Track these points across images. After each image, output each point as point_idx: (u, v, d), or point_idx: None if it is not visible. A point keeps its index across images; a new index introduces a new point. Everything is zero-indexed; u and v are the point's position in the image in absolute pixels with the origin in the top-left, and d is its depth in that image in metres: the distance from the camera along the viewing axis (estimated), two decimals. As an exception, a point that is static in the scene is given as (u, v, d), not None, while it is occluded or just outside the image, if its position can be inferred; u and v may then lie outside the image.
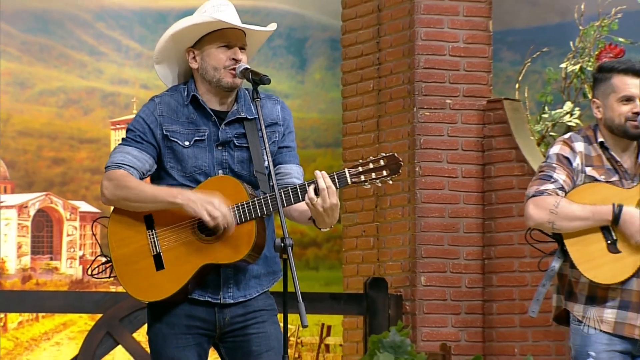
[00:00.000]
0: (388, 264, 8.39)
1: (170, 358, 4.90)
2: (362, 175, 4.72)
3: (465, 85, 8.36)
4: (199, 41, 4.90)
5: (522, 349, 7.96)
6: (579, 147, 5.40)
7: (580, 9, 8.79)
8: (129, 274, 4.89)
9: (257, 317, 4.90)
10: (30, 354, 9.11)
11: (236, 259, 4.81)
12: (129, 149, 4.86)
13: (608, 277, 5.29)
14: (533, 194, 5.34)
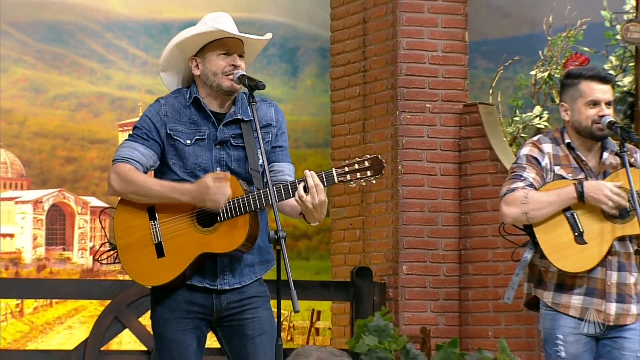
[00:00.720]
0: (373, 254, 8.39)
1: (171, 340, 4.89)
2: (348, 175, 4.74)
3: (443, 90, 8.36)
4: (201, 50, 4.91)
5: (495, 332, 7.96)
6: (547, 148, 5.39)
7: (549, 21, 8.80)
8: (133, 261, 4.90)
9: (252, 303, 4.91)
10: (44, 337, 9.09)
11: (231, 248, 4.81)
12: (135, 145, 4.87)
13: (575, 266, 5.28)
14: (504, 193, 5.34)
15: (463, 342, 7.98)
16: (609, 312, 5.31)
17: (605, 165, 5.39)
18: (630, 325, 5.35)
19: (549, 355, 5.33)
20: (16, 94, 9.29)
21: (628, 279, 5.34)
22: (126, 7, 9.46)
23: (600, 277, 5.30)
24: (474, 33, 8.62)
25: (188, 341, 4.89)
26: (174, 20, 9.44)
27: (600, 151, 5.41)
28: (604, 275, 5.31)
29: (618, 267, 5.32)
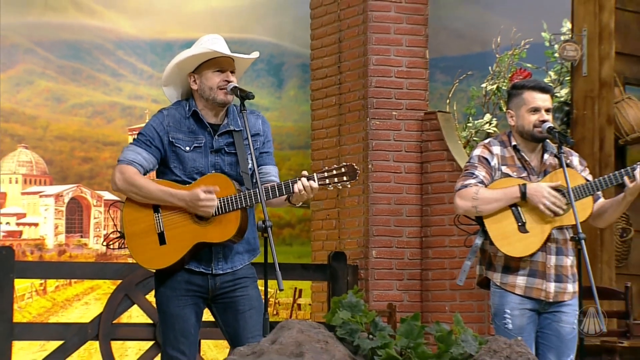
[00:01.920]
0: (347, 241, 8.39)
1: (172, 315, 4.90)
2: (327, 179, 4.80)
3: (407, 100, 8.36)
4: (198, 67, 4.93)
5: (451, 307, 7.98)
6: (496, 150, 5.41)
7: (497, 41, 8.82)
8: (138, 247, 4.90)
9: (242, 283, 4.93)
10: (64, 311, 9.08)
11: (224, 239, 4.83)
12: (139, 149, 4.87)
13: (519, 252, 5.31)
14: (458, 188, 5.35)
15: (424, 316, 8.00)
16: (548, 290, 5.33)
17: (546, 165, 5.41)
18: (567, 301, 5.37)
19: (498, 327, 5.34)
20: (40, 103, 9.27)
21: (565, 262, 5.36)
22: (135, 28, 9.46)
23: (541, 260, 5.33)
24: (433, 51, 8.63)
25: (187, 315, 4.89)
26: (177, 39, 9.43)
27: (541, 152, 5.43)
28: (544, 258, 5.33)
29: (556, 251, 5.35)
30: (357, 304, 4.20)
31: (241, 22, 9.64)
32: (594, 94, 7.94)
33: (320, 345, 4.01)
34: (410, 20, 8.39)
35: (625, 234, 8.35)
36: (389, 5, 8.33)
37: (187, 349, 4.87)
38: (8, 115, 9.17)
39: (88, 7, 9.42)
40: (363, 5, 8.33)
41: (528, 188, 5.25)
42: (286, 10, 9.77)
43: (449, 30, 9.70)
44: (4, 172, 9.22)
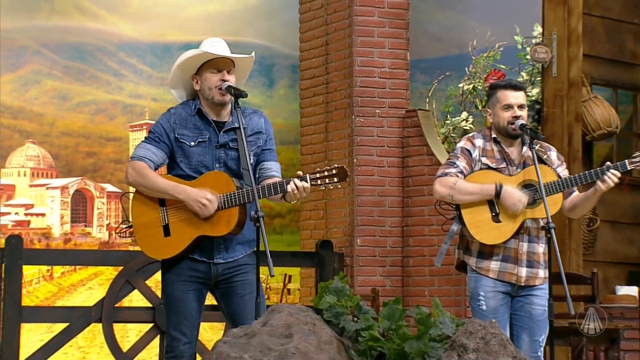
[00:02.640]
0: (333, 230, 8.40)
1: (175, 298, 4.91)
2: (319, 180, 4.81)
3: (389, 99, 8.37)
4: (199, 69, 4.95)
5: (431, 292, 7.99)
6: (479, 143, 5.43)
7: (473, 44, 8.83)
8: (144, 238, 4.90)
9: (242, 269, 4.95)
10: (70, 296, 9.07)
11: (224, 232, 4.84)
12: (149, 146, 4.90)
13: (491, 239, 5.33)
14: (439, 175, 5.37)
15: (405, 300, 8.02)
16: (520, 275, 5.35)
17: (525, 157, 5.43)
18: (538, 285, 5.39)
19: (473, 309, 5.36)
20: (47, 101, 9.25)
21: (537, 249, 5.38)
22: (136, 31, 9.44)
23: (514, 247, 5.34)
24: (414, 53, 8.64)
25: (190, 299, 4.90)
26: (174, 42, 9.42)
27: (521, 146, 5.44)
28: (517, 245, 5.35)
29: (529, 239, 5.36)
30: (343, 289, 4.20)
31: (235, 26, 9.63)
32: (563, 93, 7.96)
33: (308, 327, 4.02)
34: (393, 25, 8.39)
35: (592, 224, 8.38)
36: (373, 11, 8.34)
37: (188, 330, 4.88)
38: (17, 113, 9.15)
39: (91, 11, 9.40)
40: (348, 11, 8.33)
41: (503, 191, 5.27)
42: (276, 14, 9.77)
43: (428, 34, 9.71)
44: (13, 166, 9.21)
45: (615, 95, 8.75)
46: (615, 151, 8.72)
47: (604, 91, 8.63)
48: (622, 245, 8.74)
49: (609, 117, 8.28)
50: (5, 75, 8.85)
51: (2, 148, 9.05)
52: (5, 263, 7.22)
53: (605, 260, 8.54)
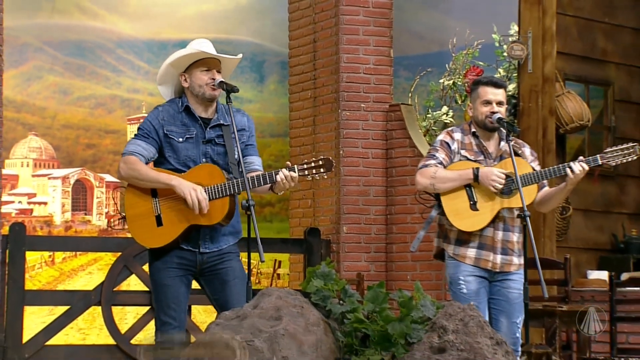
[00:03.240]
0: (321, 218, 8.40)
1: (164, 285, 4.91)
2: (306, 171, 4.81)
3: (374, 94, 8.37)
4: (188, 67, 4.93)
5: (413, 277, 8.00)
6: (457, 136, 5.43)
7: (453, 41, 8.84)
8: (138, 228, 4.89)
9: (226, 257, 4.95)
10: (70, 280, 9.06)
11: (214, 222, 4.83)
12: (139, 142, 4.88)
13: (468, 226, 5.33)
14: (420, 167, 5.37)
15: (388, 284, 8.03)
16: (495, 262, 5.36)
17: (502, 151, 5.44)
18: (514, 271, 5.40)
19: (454, 293, 5.36)
20: (49, 96, 9.23)
21: (511, 237, 5.39)
22: (133, 30, 9.42)
23: (489, 235, 5.35)
24: (397, 51, 8.64)
25: (177, 285, 4.90)
26: (170, 39, 9.40)
27: (498, 140, 5.45)
28: (493, 234, 5.35)
29: (504, 228, 5.37)
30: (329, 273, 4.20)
31: (227, 25, 9.61)
32: (538, 88, 7.97)
33: (297, 310, 4.02)
34: (377, 23, 8.39)
35: (565, 212, 8.40)
36: (358, 10, 8.34)
37: (177, 315, 4.87)
38: (20, 107, 9.12)
39: (91, 10, 9.37)
40: (335, 10, 8.33)
41: (480, 171, 5.28)
42: (267, 14, 9.75)
43: (411, 32, 9.70)
44: (16, 157, 9.18)
45: (587, 91, 8.76)
46: (587, 143, 8.74)
47: (577, 86, 8.65)
48: (593, 232, 8.77)
49: (581, 111, 8.29)
50: (8, 71, 8.81)
51: (6, 140, 9.02)
52: (9, 249, 7.21)
53: (578, 247, 8.57)
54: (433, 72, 9.10)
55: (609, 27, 8.85)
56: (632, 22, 8.97)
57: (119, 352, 7.52)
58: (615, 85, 8.89)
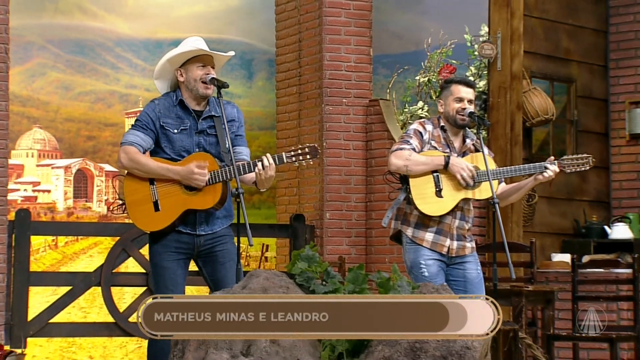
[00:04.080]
0: (305, 205, 8.40)
1: (163, 267, 4.89)
2: (293, 157, 4.80)
3: (355, 90, 8.37)
4: (184, 63, 4.91)
5: (390, 259, 8.01)
6: (429, 128, 5.43)
7: (428, 41, 8.84)
8: (137, 213, 4.88)
9: (221, 240, 4.93)
10: (72, 262, 9.04)
11: (208, 206, 4.82)
12: (138, 132, 4.86)
13: (432, 211, 5.33)
14: (394, 149, 5.36)
15: (368, 267, 8.04)
16: (452, 247, 5.36)
17: (466, 147, 5.44)
18: (468, 254, 5.41)
19: (416, 277, 5.33)
20: (52, 91, 9.19)
21: (464, 225, 5.41)
22: (131, 30, 9.38)
23: (447, 222, 5.36)
24: (376, 50, 8.63)
25: (175, 267, 4.89)
26: (165, 39, 9.37)
27: (463, 138, 5.45)
28: (450, 221, 5.36)
29: (460, 217, 5.38)
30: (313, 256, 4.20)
31: (218, 25, 9.59)
32: (507, 85, 7.98)
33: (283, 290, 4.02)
34: (358, 24, 8.38)
35: (531, 199, 8.43)
36: (340, 12, 8.33)
37: (174, 296, 4.87)
38: (25, 101, 9.08)
39: (91, 11, 9.33)
40: (319, 12, 8.32)
41: (451, 159, 5.28)
42: (255, 15, 9.73)
43: (389, 33, 9.70)
44: (22, 148, 9.14)
45: (552, 87, 8.78)
46: (551, 136, 8.76)
47: (542, 83, 8.67)
48: (557, 218, 8.80)
49: (546, 106, 8.31)
50: (14, 68, 8.78)
51: (12, 132, 8.98)
52: (15, 234, 7.19)
53: (542, 231, 8.59)
54: (409, 70, 9.10)
55: (572, 28, 8.86)
56: (592, 24, 8.99)
57: (118, 329, 7.52)
58: (577, 82, 8.91)
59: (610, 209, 8.96)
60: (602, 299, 6.95)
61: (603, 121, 9.04)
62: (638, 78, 8.91)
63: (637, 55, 8.92)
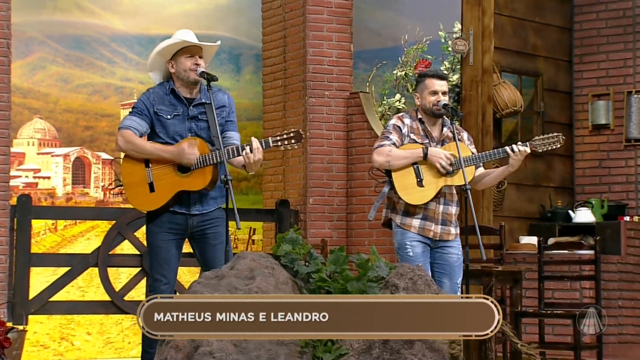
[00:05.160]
0: (290, 191, 8.40)
1: (157, 246, 4.89)
2: (279, 142, 4.80)
3: (336, 83, 8.36)
4: (174, 55, 4.90)
5: (370, 242, 8.03)
6: (407, 121, 5.43)
7: (405, 38, 8.83)
8: (133, 194, 4.88)
9: (213, 222, 4.93)
10: (71, 245, 9.01)
11: (200, 187, 4.82)
12: (134, 117, 4.87)
13: (415, 200, 5.34)
14: (376, 146, 5.37)
15: (348, 249, 8.05)
16: (436, 231, 5.37)
17: (444, 136, 5.44)
18: (452, 240, 5.42)
19: (402, 257, 5.37)
20: (51, 84, 9.13)
21: (450, 210, 5.41)
22: (125, 26, 9.33)
23: (432, 208, 5.37)
24: (357, 45, 8.62)
25: (169, 247, 4.88)
26: (158, 34, 9.32)
27: (441, 127, 5.45)
28: (435, 207, 5.37)
29: (444, 202, 5.39)
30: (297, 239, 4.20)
31: (208, 22, 9.55)
32: (478, 79, 7.99)
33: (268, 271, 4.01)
34: (339, 22, 8.37)
35: (501, 186, 8.45)
36: (323, 10, 8.31)
37: (167, 273, 4.86)
38: (26, 93, 9.03)
39: (89, 8, 9.28)
40: (302, 10, 8.31)
41: (429, 150, 5.29)
42: (243, 12, 9.70)
43: (368, 29, 9.69)
44: (23, 137, 9.09)
45: (520, 81, 8.80)
46: (519, 127, 8.78)
47: (511, 77, 8.68)
48: (524, 203, 8.83)
49: (515, 99, 8.33)
50: (16, 62, 8.72)
51: (14, 122, 8.93)
52: (17, 218, 7.16)
53: (511, 216, 8.62)
54: (388, 64, 9.09)
55: (539, 26, 8.87)
56: (558, 21, 9.00)
57: (114, 307, 7.51)
58: (544, 76, 8.93)
59: (574, 194, 9.00)
60: (566, 278, 6.98)
61: (568, 113, 9.07)
62: (600, 72, 8.94)
63: (600, 51, 8.94)
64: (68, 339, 8.69)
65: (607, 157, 8.89)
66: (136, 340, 8.70)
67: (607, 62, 8.88)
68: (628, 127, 8.76)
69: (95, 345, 8.70)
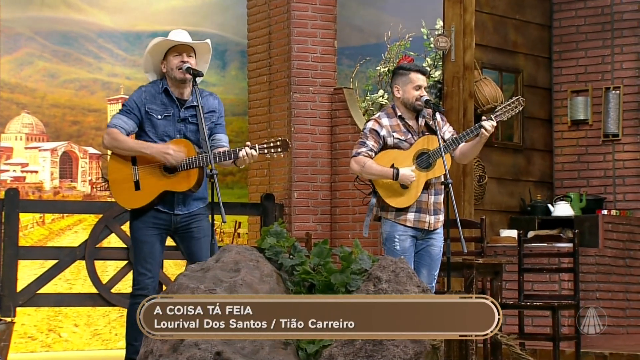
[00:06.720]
0: (275, 185, 8.39)
1: (142, 241, 4.88)
2: (266, 150, 4.83)
3: (321, 79, 8.36)
4: (165, 55, 4.92)
5: (353, 235, 8.04)
6: (385, 122, 5.40)
7: (388, 34, 8.84)
8: (118, 191, 4.86)
9: (197, 218, 4.93)
10: (58, 238, 8.97)
11: (185, 189, 4.82)
12: (122, 116, 4.87)
13: (404, 203, 5.33)
14: (354, 154, 5.36)
15: (332, 242, 8.06)
16: (430, 222, 5.38)
17: (422, 127, 5.43)
18: (437, 230, 5.42)
19: (388, 249, 5.37)
20: (39, 79, 9.08)
21: (439, 199, 5.43)
22: (112, 22, 9.29)
23: (425, 200, 5.37)
24: (341, 42, 8.62)
25: (153, 242, 4.88)
26: (144, 31, 9.29)
27: (417, 119, 5.44)
28: (427, 198, 5.37)
29: (434, 192, 5.39)
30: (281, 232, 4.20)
31: (194, 19, 9.52)
32: (460, 75, 8.01)
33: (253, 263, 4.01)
34: (323, 19, 8.36)
35: (482, 180, 8.47)
36: (307, 7, 8.30)
37: (152, 267, 4.86)
38: (14, 88, 8.98)
39: (76, 5, 9.23)
40: (287, 7, 8.29)
41: (400, 173, 5.27)
42: (229, 9, 9.68)
43: (352, 26, 9.68)
44: (11, 132, 9.04)
45: (501, 77, 8.82)
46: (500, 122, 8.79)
47: (492, 73, 8.70)
48: (505, 197, 8.86)
49: (496, 94, 8.35)
50: (4, 57, 8.67)
51: (2, 117, 8.89)
52: (5, 211, 7.13)
53: (492, 209, 8.65)
54: (371, 61, 9.10)
55: (519, 23, 8.90)
56: (538, 19, 9.03)
57: (101, 300, 7.48)
58: (524, 72, 8.96)
59: (553, 188, 9.04)
60: (545, 270, 7.00)
61: (547, 108, 9.10)
62: (579, 69, 8.98)
63: (578, 47, 8.97)
64: (56, 331, 8.66)
65: (586, 152, 8.93)
66: (123, 332, 8.67)
67: (585, 58, 8.92)
68: (606, 122, 8.80)
69: (83, 337, 8.68)
